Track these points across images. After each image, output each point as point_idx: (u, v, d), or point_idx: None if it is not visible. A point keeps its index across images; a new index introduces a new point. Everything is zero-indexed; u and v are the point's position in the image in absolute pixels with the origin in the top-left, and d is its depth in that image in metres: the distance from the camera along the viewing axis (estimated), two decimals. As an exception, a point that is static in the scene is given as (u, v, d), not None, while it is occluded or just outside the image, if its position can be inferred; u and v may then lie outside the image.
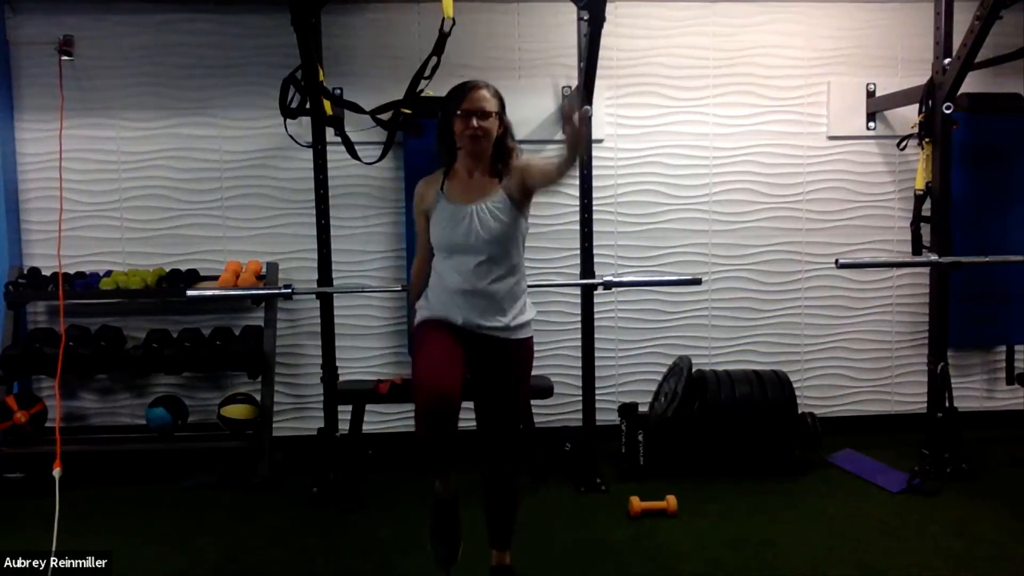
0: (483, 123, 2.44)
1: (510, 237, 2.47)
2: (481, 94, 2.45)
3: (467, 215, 2.45)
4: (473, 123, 2.43)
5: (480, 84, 2.48)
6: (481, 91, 2.46)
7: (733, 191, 4.50)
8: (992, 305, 4.38)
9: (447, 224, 2.48)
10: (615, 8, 4.19)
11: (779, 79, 4.47)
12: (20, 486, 3.81)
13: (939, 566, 2.96)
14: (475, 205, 2.46)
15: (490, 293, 2.46)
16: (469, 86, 2.48)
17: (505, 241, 2.46)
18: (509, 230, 2.46)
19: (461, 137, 2.46)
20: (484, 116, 2.44)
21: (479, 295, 2.46)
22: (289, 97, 3.71)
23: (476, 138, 2.44)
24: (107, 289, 4.09)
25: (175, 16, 4.26)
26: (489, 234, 2.44)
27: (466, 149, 2.48)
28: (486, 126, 2.44)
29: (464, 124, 2.44)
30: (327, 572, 3.05)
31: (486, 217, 2.44)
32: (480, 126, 2.43)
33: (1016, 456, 4.06)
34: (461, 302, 2.47)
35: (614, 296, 4.39)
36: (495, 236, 2.44)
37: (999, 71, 4.29)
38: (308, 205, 4.02)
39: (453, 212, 2.47)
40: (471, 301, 2.46)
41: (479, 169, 2.51)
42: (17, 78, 4.26)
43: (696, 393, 4.00)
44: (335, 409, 3.86)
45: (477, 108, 2.44)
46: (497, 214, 2.45)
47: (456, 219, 2.46)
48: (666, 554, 3.10)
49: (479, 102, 2.44)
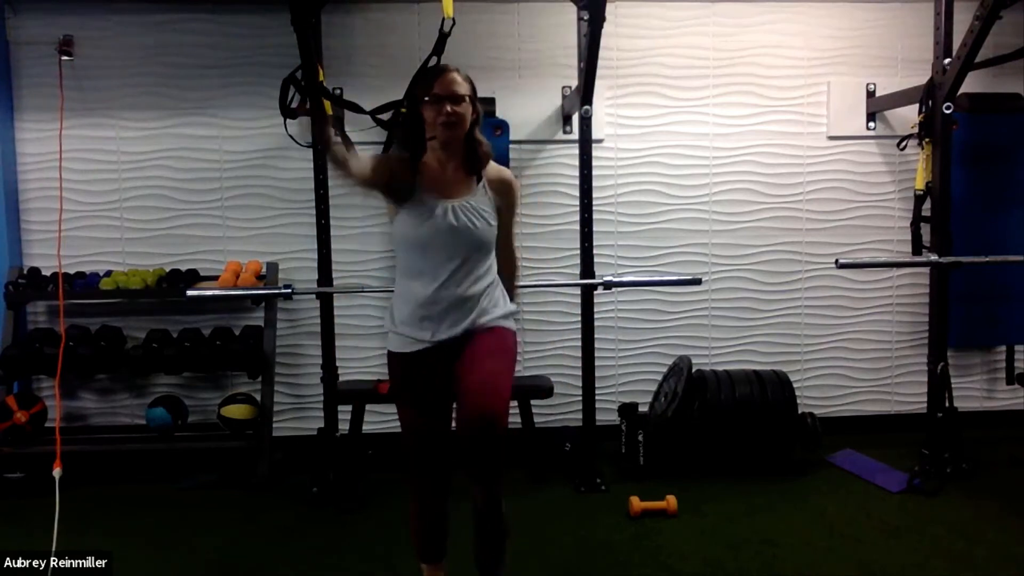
0: (457, 108, 2.24)
1: (487, 239, 2.30)
2: (452, 77, 2.26)
3: (446, 212, 2.24)
4: (447, 109, 2.23)
5: (450, 67, 2.29)
6: (452, 74, 2.27)
7: (733, 191, 4.50)
8: (992, 305, 4.38)
9: (423, 220, 2.24)
10: (615, 8, 4.19)
11: (779, 79, 4.47)
12: (20, 486, 3.81)
13: (939, 566, 2.96)
14: (454, 202, 2.26)
15: (465, 298, 2.26)
16: (439, 69, 2.29)
17: (482, 243, 2.28)
18: (487, 233, 2.29)
19: (433, 125, 2.26)
20: (458, 100, 2.24)
21: (452, 302, 2.25)
22: (289, 97, 3.71)
23: (451, 125, 2.24)
24: (107, 289, 4.09)
25: (175, 16, 4.26)
26: (471, 235, 2.25)
27: (439, 138, 2.27)
28: (460, 111, 2.24)
29: (436, 111, 2.24)
30: (326, 572, 3.05)
31: (465, 218, 2.25)
32: (454, 111, 2.23)
33: (1016, 456, 4.06)
34: (432, 313, 2.25)
35: (614, 296, 4.39)
36: (473, 238, 2.26)
37: (999, 71, 4.30)
38: (308, 205, 4.02)
39: (430, 207, 2.24)
40: (442, 311, 2.25)
41: (453, 164, 2.31)
42: (17, 78, 4.26)
43: (696, 393, 4.00)
44: (335, 409, 3.86)
45: (450, 92, 2.24)
46: (481, 214, 2.28)
47: (433, 216, 2.23)
48: (666, 554, 3.10)
49: (451, 85, 2.25)
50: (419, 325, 2.27)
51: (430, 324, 2.26)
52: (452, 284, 2.25)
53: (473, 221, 2.26)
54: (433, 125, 2.26)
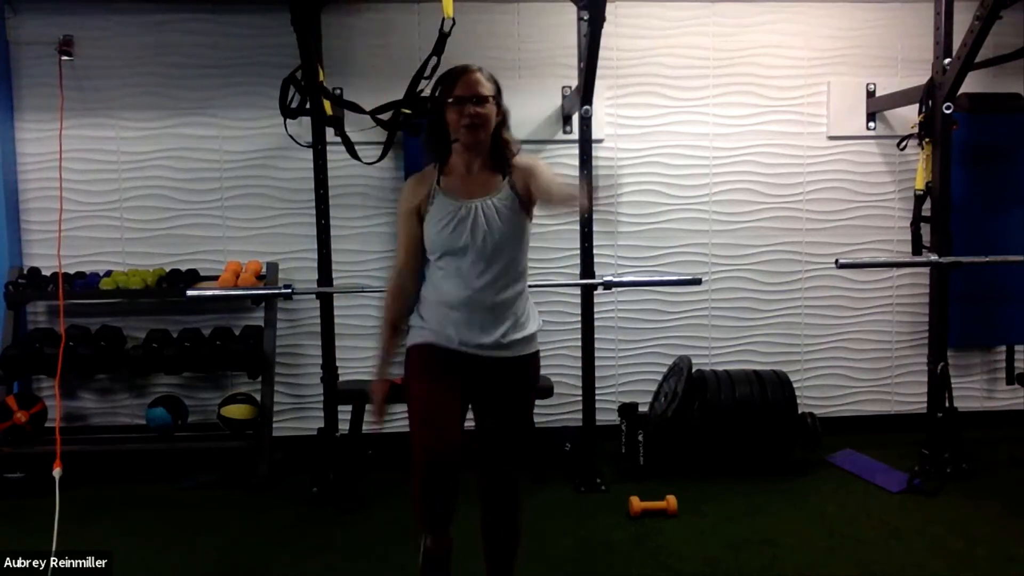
0: (480, 110, 2.18)
1: (518, 238, 2.23)
2: (475, 77, 2.20)
3: (471, 212, 2.18)
4: (470, 110, 2.17)
5: (473, 67, 2.22)
6: (475, 74, 2.20)
7: (733, 191, 4.50)
8: (992, 305, 4.39)
9: (447, 222, 2.19)
10: (615, 8, 4.19)
11: (779, 79, 4.47)
12: (20, 486, 3.81)
13: (939, 566, 2.96)
14: (479, 201, 2.20)
15: (493, 303, 2.20)
16: (461, 70, 2.22)
17: (513, 242, 2.22)
18: (517, 230, 2.22)
19: (456, 128, 2.20)
20: (481, 102, 2.18)
21: (479, 306, 2.20)
22: (289, 97, 3.71)
23: (475, 127, 2.18)
24: (107, 289, 4.09)
25: (175, 16, 4.26)
26: (497, 234, 2.18)
27: (463, 141, 2.20)
28: (484, 112, 2.18)
29: (459, 113, 2.18)
30: (327, 572, 3.05)
31: (492, 215, 2.19)
32: (477, 112, 2.17)
33: (1016, 456, 4.06)
34: (458, 317, 2.20)
35: (614, 296, 4.39)
36: (503, 236, 2.19)
37: (999, 71, 4.30)
38: (308, 205, 4.02)
39: (454, 209, 2.19)
40: (470, 314, 2.20)
41: (478, 163, 2.25)
42: (17, 78, 4.26)
43: (696, 393, 4.00)
44: (335, 409, 3.87)
45: (473, 93, 2.18)
46: (505, 211, 2.20)
47: (457, 216, 2.18)
48: (666, 554, 3.10)
49: (475, 86, 2.18)
50: (444, 328, 2.23)
51: (454, 330, 2.21)
52: (483, 287, 2.19)
53: (497, 220, 2.19)
54: (456, 128, 2.20)
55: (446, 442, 2.16)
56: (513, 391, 2.30)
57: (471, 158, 2.25)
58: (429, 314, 2.26)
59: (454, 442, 2.17)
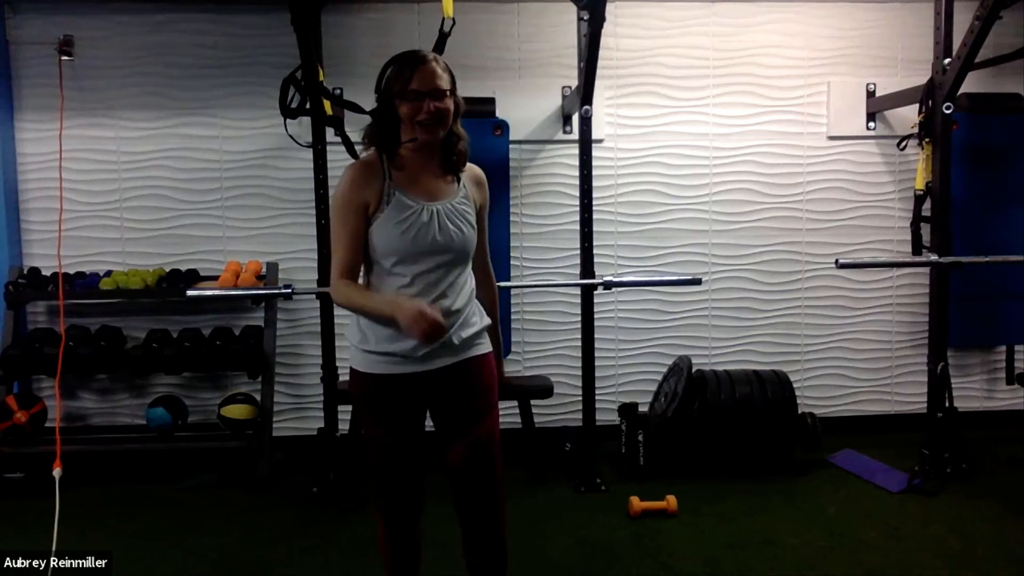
0: (439, 105, 1.97)
1: (474, 244, 2.09)
2: (433, 69, 1.98)
3: (433, 216, 2.00)
4: (429, 107, 1.96)
5: (428, 56, 2.01)
6: (431, 65, 1.98)
7: (733, 191, 4.50)
8: (992, 305, 4.38)
9: (407, 225, 1.98)
10: (615, 8, 4.20)
11: (779, 79, 4.47)
12: (20, 486, 3.81)
13: (939, 566, 2.96)
14: (440, 204, 2.02)
15: (449, 310, 2.00)
16: (417, 59, 1.99)
17: (471, 247, 2.08)
18: (474, 236, 2.08)
19: (410, 124, 1.98)
20: (440, 96, 1.98)
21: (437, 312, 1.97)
22: (289, 97, 3.71)
23: (433, 125, 1.98)
24: (107, 289, 4.09)
25: (175, 16, 4.26)
26: (461, 240, 2.03)
27: (421, 139, 2.00)
28: (443, 108, 1.98)
29: (415, 108, 1.97)
30: (327, 572, 3.05)
31: (456, 219, 2.03)
32: (437, 108, 1.97)
33: (1016, 456, 4.06)
34: None
35: (614, 296, 4.39)
36: (467, 241, 2.05)
37: (999, 71, 4.29)
38: (308, 205, 4.02)
39: (416, 210, 1.99)
40: None
41: (434, 161, 2.06)
42: (17, 78, 4.26)
43: (696, 393, 4.00)
44: (335, 409, 3.86)
45: (432, 87, 1.97)
46: (465, 216, 2.05)
47: (420, 220, 1.99)
48: (666, 554, 3.10)
49: (433, 80, 1.97)
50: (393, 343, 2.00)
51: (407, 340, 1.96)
52: (442, 295, 2.01)
53: (459, 226, 2.03)
54: (410, 124, 1.99)
55: (406, 493, 2.15)
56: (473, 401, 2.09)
57: (426, 155, 2.05)
58: (374, 331, 2.02)
59: (416, 499, 2.16)
